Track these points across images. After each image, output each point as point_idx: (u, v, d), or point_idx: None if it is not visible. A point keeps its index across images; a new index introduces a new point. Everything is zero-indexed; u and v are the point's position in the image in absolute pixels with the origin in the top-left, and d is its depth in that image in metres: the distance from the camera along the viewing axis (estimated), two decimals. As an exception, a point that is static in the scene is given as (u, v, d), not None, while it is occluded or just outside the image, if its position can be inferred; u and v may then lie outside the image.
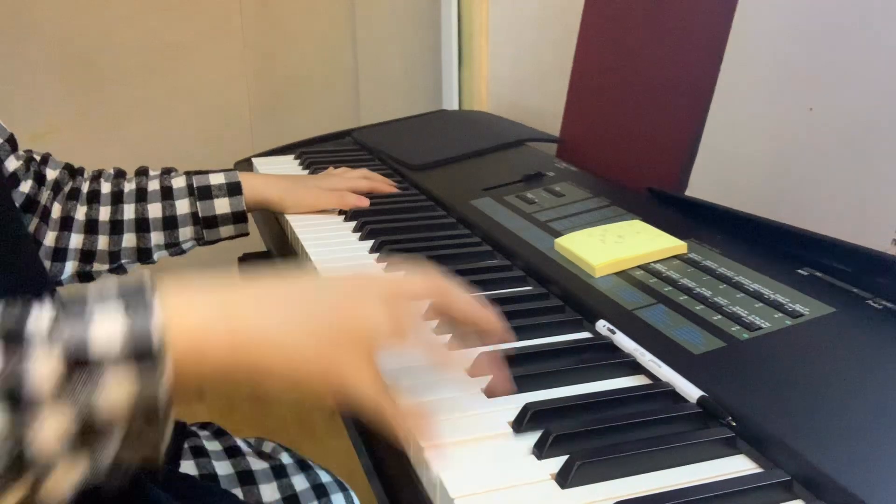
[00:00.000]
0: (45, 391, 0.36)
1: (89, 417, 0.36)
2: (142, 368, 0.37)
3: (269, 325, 0.41)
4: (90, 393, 0.36)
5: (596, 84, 1.10)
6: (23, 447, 0.36)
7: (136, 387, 0.37)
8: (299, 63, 2.16)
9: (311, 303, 0.44)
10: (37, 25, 1.95)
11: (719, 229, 0.77)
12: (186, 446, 0.78)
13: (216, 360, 0.40)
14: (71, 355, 0.36)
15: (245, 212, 0.93)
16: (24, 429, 0.36)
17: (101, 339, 0.37)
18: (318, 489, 0.80)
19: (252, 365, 0.41)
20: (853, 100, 0.70)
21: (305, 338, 0.42)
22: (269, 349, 0.41)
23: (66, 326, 0.37)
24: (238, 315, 0.41)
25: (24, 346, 0.36)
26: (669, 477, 0.45)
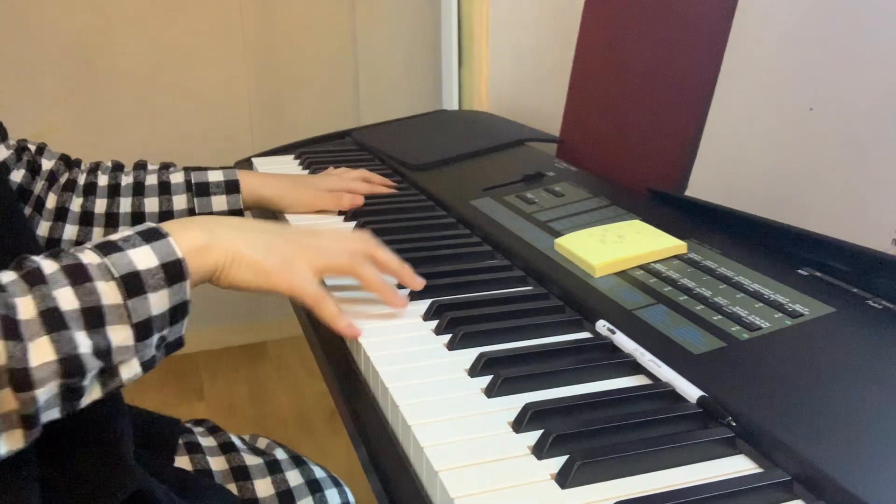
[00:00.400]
0: (113, 303, 0.52)
1: (147, 318, 0.53)
2: (172, 279, 0.55)
3: (239, 239, 0.62)
4: (143, 300, 0.53)
5: (596, 84, 1.10)
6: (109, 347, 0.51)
7: (171, 293, 0.55)
8: (299, 63, 2.16)
9: (271, 234, 0.65)
10: (37, 25, 1.95)
11: (719, 229, 0.78)
12: (181, 442, 0.78)
13: (207, 264, 0.60)
14: (126, 277, 0.53)
15: (242, 210, 0.93)
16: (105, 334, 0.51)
17: (142, 263, 0.54)
18: (312, 484, 0.81)
19: (230, 263, 0.61)
20: (853, 100, 0.70)
21: (266, 250, 0.63)
22: (241, 254, 0.61)
23: (113, 258, 0.53)
24: (223, 236, 0.61)
25: (90, 278, 0.51)
26: (669, 477, 0.45)
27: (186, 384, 2.11)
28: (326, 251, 0.66)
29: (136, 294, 0.53)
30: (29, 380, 0.47)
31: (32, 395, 0.48)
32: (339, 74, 2.19)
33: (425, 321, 0.66)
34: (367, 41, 2.16)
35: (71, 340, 0.49)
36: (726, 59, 0.84)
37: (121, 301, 0.52)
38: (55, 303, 0.50)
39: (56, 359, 0.49)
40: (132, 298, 0.53)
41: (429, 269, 0.75)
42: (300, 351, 2.22)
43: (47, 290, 0.50)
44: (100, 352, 0.51)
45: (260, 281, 0.62)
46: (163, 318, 0.55)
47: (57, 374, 0.49)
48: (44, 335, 0.49)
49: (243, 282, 0.62)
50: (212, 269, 0.60)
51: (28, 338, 0.48)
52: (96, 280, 0.52)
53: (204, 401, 2.05)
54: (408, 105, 2.04)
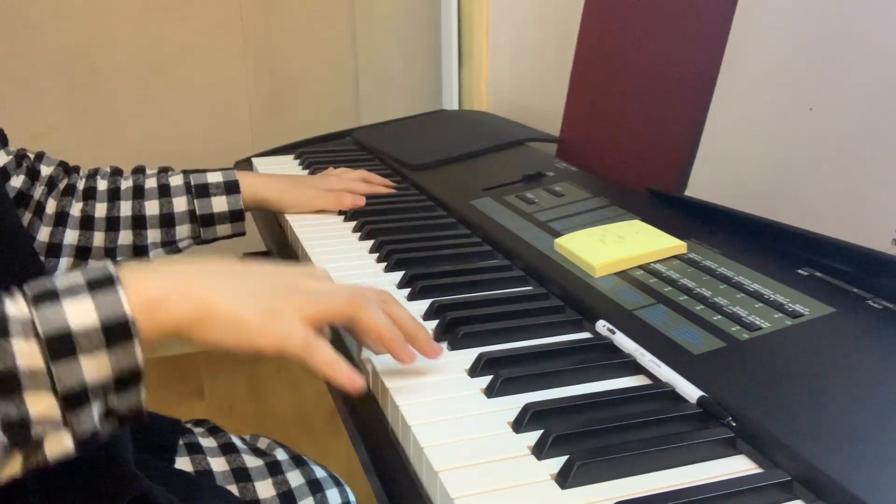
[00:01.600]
0: (30, 367, 0.43)
1: (78, 386, 0.45)
2: (114, 341, 0.45)
3: (212, 287, 0.51)
4: (72, 366, 0.44)
5: (596, 84, 1.10)
6: (24, 418, 0.43)
7: (112, 357, 0.46)
8: (299, 63, 2.16)
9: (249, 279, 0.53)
10: (37, 25, 1.95)
11: (719, 229, 0.78)
12: (181, 443, 0.79)
13: (167, 321, 0.49)
14: (52, 336, 0.44)
15: (242, 211, 0.93)
16: (18, 403, 0.43)
17: (76, 319, 0.44)
18: (313, 485, 0.81)
19: (198, 320, 0.50)
20: (853, 100, 0.70)
21: (245, 301, 0.51)
22: (214, 308, 0.50)
23: (43, 311, 0.44)
24: (189, 284, 0.50)
25: (7, 333, 0.43)
26: (669, 477, 0.45)
27: (186, 384, 2.11)
28: (320, 294, 0.54)
29: (63, 357, 0.44)
30: None
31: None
32: (339, 74, 2.18)
33: (425, 321, 0.66)
34: (367, 41, 2.16)
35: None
36: (726, 59, 0.84)
37: (41, 365, 0.44)
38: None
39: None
40: (57, 363, 0.44)
41: (429, 269, 0.75)
42: (300, 351, 2.22)
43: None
44: (9, 423, 0.43)
45: (240, 340, 0.51)
46: (103, 387, 0.46)
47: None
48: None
49: (219, 342, 0.51)
50: (174, 327, 0.50)
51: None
52: (14, 337, 0.43)
53: (204, 401, 2.04)
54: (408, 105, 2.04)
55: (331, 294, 0.55)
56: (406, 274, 0.74)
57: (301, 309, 0.52)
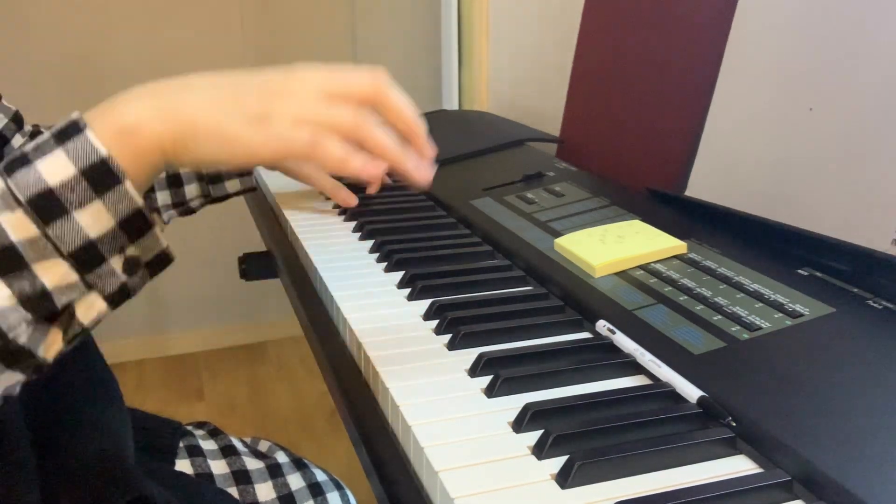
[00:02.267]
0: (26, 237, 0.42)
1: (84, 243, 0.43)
2: (101, 185, 0.43)
3: (189, 101, 0.46)
4: (68, 224, 0.42)
5: (596, 84, 1.10)
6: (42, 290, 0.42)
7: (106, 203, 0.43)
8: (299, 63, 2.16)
9: (232, 84, 0.48)
10: (37, 25, 1.95)
11: (719, 229, 0.78)
12: (182, 445, 0.79)
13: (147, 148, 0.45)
14: (34, 199, 0.42)
15: (255, 188, 0.93)
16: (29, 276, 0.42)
17: (53, 175, 0.42)
18: (313, 488, 0.80)
19: (181, 137, 0.46)
20: (853, 100, 0.70)
21: (227, 108, 0.46)
22: (192, 122, 0.46)
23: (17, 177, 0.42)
24: (165, 103, 0.46)
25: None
26: (669, 477, 0.45)
27: (186, 384, 2.11)
28: (320, 100, 0.49)
29: (55, 218, 0.42)
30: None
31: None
32: (339, 74, 2.18)
33: (425, 321, 0.66)
34: (367, 41, 2.16)
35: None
36: (726, 59, 0.84)
37: (36, 232, 0.42)
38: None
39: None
40: (52, 225, 0.42)
41: (429, 269, 0.75)
42: (300, 351, 2.22)
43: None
44: (28, 298, 0.42)
45: (234, 153, 0.47)
46: (113, 237, 0.44)
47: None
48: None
49: (209, 157, 0.47)
50: (157, 153, 0.46)
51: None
52: None
53: (204, 401, 2.05)
54: (408, 105, 2.04)
55: (333, 105, 0.50)
56: (406, 274, 0.74)
57: (296, 113, 0.48)
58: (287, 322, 1.87)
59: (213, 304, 2.21)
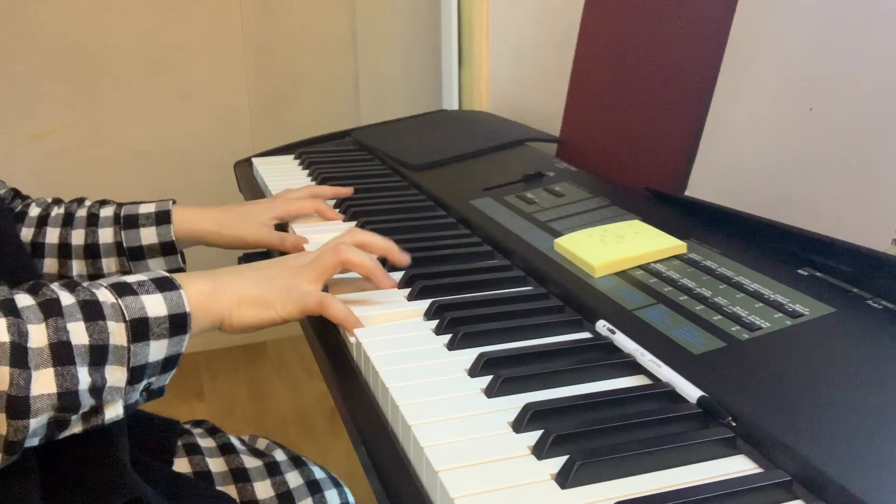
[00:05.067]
0: (119, 345, 0.54)
1: (143, 363, 0.55)
2: (175, 331, 0.57)
3: (240, 283, 0.65)
4: (145, 346, 0.55)
5: (596, 84, 1.10)
6: (103, 385, 0.53)
7: (170, 344, 0.57)
8: (299, 63, 2.16)
9: (264, 271, 0.68)
10: (37, 25, 1.95)
11: (719, 229, 0.78)
12: (180, 444, 0.78)
13: (213, 311, 0.63)
14: (135, 321, 0.55)
15: (174, 243, 0.87)
16: (103, 372, 0.53)
17: (152, 310, 0.56)
18: (311, 486, 0.81)
19: (237, 307, 0.64)
20: (853, 100, 0.70)
21: (265, 285, 0.66)
22: (244, 296, 0.64)
23: (127, 300, 0.55)
24: (226, 283, 0.64)
25: (103, 316, 0.53)
26: (669, 477, 0.45)
27: (186, 384, 2.11)
28: (316, 261, 0.69)
29: (141, 339, 0.55)
30: (26, 408, 0.49)
31: (26, 423, 0.49)
32: (339, 74, 2.18)
33: (425, 321, 0.66)
34: (367, 41, 2.16)
35: (74, 376, 0.51)
36: (726, 59, 0.84)
37: (125, 343, 0.54)
38: (68, 336, 0.51)
39: (56, 392, 0.50)
40: (136, 343, 0.54)
41: (429, 269, 0.75)
42: (300, 351, 2.22)
43: (62, 322, 0.51)
44: (95, 389, 0.52)
45: (269, 314, 0.65)
46: (155, 366, 0.57)
47: (52, 407, 0.50)
48: (50, 367, 0.50)
49: (253, 319, 0.65)
50: (219, 317, 0.63)
51: (34, 367, 0.49)
52: (108, 319, 0.53)
53: (204, 401, 2.04)
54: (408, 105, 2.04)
55: (321, 258, 0.69)
56: (406, 274, 0.74)
57: (308, 277, 0.68)
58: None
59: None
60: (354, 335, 0.63)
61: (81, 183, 2.00)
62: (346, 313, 0.65)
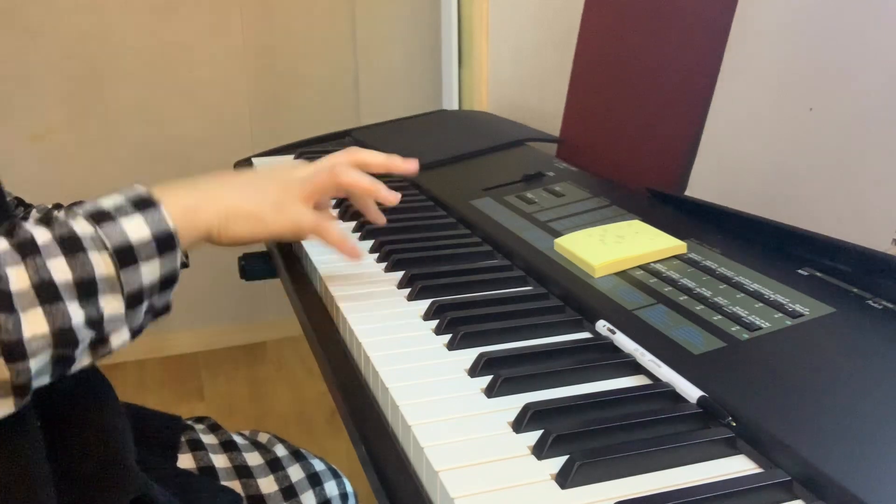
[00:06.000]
0: (106, 275, 0.52)
1: (138, 288, 0.54)
2: (164, 250, 0.55)
3: (227, 193, 0.63)
4: (135, 272, 0.54)
5: (596, 84, 1.10)
6: (101, 317, 0.52)
7: (162, 263, 0.56)
8: (299, 63, 2.16)
9: (252, 182, 0.66)
10: (37, 25, 1.95)
11: (719, 229, 0.78)
12: (183, 440, 0.79)
13: (200, 226, 0.61)
14: (118, 249, 0.53)
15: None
16: (97, 305, 0.52)
17: (134, 234, 0.54)
18: (312, 478, 0.82)
19: (225, 220, 0.61)
20: (853, 100, 0.70)
21: (256, 198, 0.64)
22: (233, 208, 0.62)
23: (106, 228, 0.53)
24: (211, 194, 0.62)
25: (83, 249, 0.52)
26: (669, 477, 0.45)
27: (186, 384, 2.11)
28: (310, 176, 0.67)
29: (128, 265, 0.53)
30: (22, 351, 0.48)
31: (26, 365, 0.49)
32: (339, 74, 2.18)
33: (425, 321, 0.66)
34: (367, 41, 2.16)
35: (65, 313, 0.50)
36: (726, 59, 0.84)
37: (113, 273, 0.53)
38: (49, 274, 0.50)
39: (49, 331, 0.49)
40: (124, 270, 0.53)
41: (429, 269, 0.75)
42: (300, 351, 2.22)
43: (41, 260, 0.50)
44: (92, 322, 0.52)
45: (259, 229, 0.63)
46: (153, 288, 0.56)
47: (50, 345, 0.50)
48: (37, 307, 0.49)
49: (243, 233, 0.63)
50: (205, 230, 0.61)
51: (21, 309, 0.49)
52: (90, 251, 0.52)
53: (204, 401, 2.05)
54: (408, 105, 2.04)
55: (316, 174, 0.67)
56: (406, 274, 0.74)
57: (300, 195, 0.66)
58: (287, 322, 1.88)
59: (212, 304, 2.21)
60: (356, 337, 0.63)
61: (81, 183, 1.99)
62: (343, 238, 0.65)
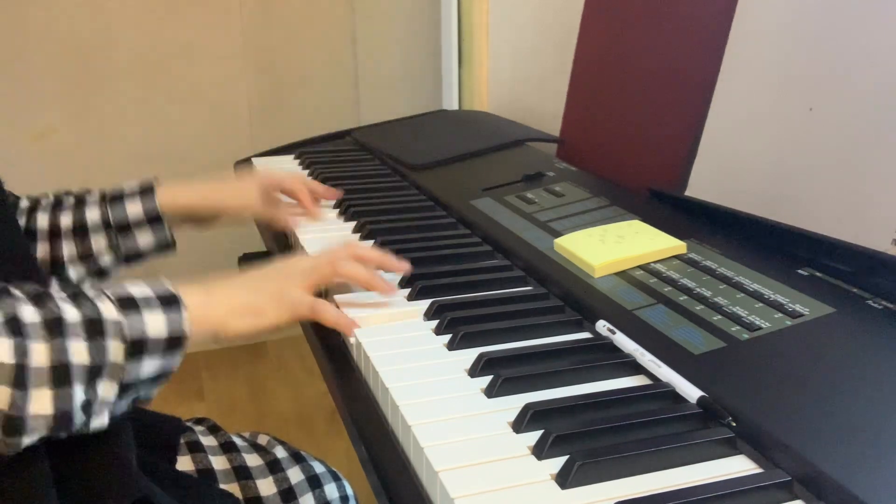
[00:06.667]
0: (114, 362, 0.54)
1: (134, 378, 0.55)
2: (170, 350, 0.57)
3: (232, 292, 0.65)
4: (138, 364, 0.55)
5: (596, 84, 1.10)
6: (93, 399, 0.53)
7: (163, 362, 0.57)
8: (299, 63, 2.16)
9: (256, 279, 0.69)
10: (36, 25, 1.95)
11: (719, 229, 0.78)
12: (183, 441, 0.79)
13: (209, 322, 0.62)
14: (134, 341, 0.55)
15: (160, 216, 0.87)
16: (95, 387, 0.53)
17: (152, 329, 0.56)
18: (312, 480, 0.82)
19: (233, 320, 0.64)
20: (853, 100, 0.70)
21: (255, 293, 0.66)
22: (238, 306, 0.64)
23: (130, 318, 0.55)
24: (217, 297, 0.64)
25: (104, 333, 0.53)
26: (669, 477, 0.45)
27: (186, 384, 2.11)
28: (309, 269, 0.69)
29: (136, 358, 0.55)
30: (22, 428, 0.49)
31: (19, 440, 0.50)
32: (339, 74, 2.18)
33: (425, 321, 0.66)
34: (367, 41, 2.16)
35: (70, 397, 0.51)
36: (726, 59, 0.84)
37: (121, 362, 0.54)
38: (68, 357, 0.51)
39: (52, 413, 0.50)
40: (130, 361, 0.55)
41: (429, 269, 0.75)
42: (300, 351, 2.22)
43: (65, 343, 0.51)
44: (86, 405, 0.53)
45: (261, 322, 0.65)
46: (145, 381, 0.57)
47: (47, 427, 0.51)
48: (48, 388, 0.50)
49: (246, 328, 0.65)
50: (211, 328, 0.63)
51: (33, 387, 0.50)
52: (108, 338, 0.54)
53: (204, 401, 2.04)
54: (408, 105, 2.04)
55: (315, 266, 0.70)
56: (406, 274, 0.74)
57: (299, 284, 0.68)
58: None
59: (212, 304, 2.21)
60: (354, 335, 0.63)
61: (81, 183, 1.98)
62: (338, 316, 0.66)
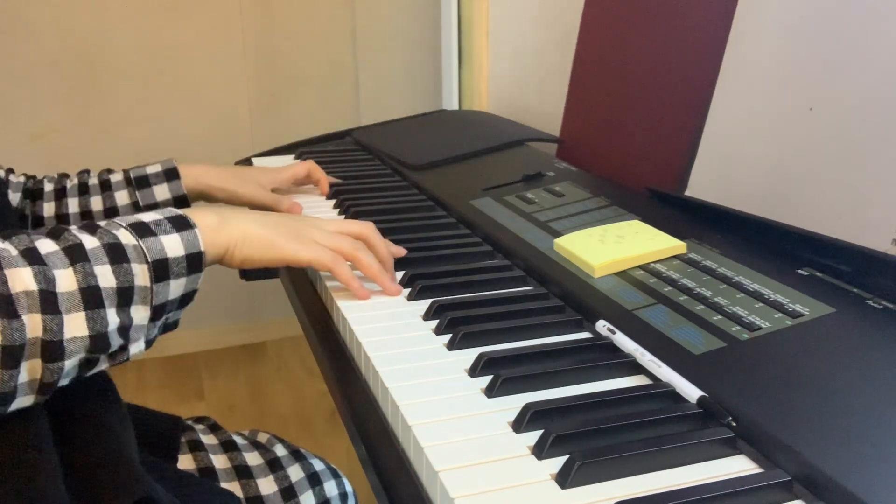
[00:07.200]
0: (143, 286, 0.56)
1: (163, 301, 0.58)
2: (192, 269, 0.60)
3: (248, 221, 0.67)
4: (166, 286, 0.58)
5: (596, 84, 1.10)
6: (129, 324, 0.56)
7: (188, 281, 0.60)
8: (299, 63, 2.16)
9: (274, 217, 0.70)
10: (37, 25, 1.95)
11: (719, 229, 0.78)
12: (183, 440, 0.79)
13: (219, 243, 0.64)
14: (156, 262, 0.57)
15: (185, 196, 0.94)
16: (130, 312, 0.55)
17: (171, 250, 0.58)
18: (312, 478, 0.82)
19: (237, 243, 0.65)
20: (853, 100, 0.70)
21: (274, 227, 0.68)
22: (253, 236, 0.66)
23: (147, 242, 0.57)
24: (233, 218, 0.66)
25: (127, 258, 0.55)
26: (669, 477, 0.45)
27: (186, 384, 2.11)
28: (333, 235, 0.71)
29: (162, 279, 0.57)
30: (61, 352, 0.51)
31: (60, 365, 0.51)
32: (339, 74, 2.18)
33: (425, 321, 0.66)
34: (367, 41, 2.16)
35: (104, 318, 0.53)
36: (726, 59, 0.84)
37: (149, 284, 0.56)
38: (96, 280, 0.53)
39: (88, 334, 0.52)
40: (158, 283, 0.57)
41: (429, 269, 0.75)
42: (300, 351, 2.22)
43: (89, 266, 0.53)
44: (122, 329, 0.55)
45: (271, 253, 0.66)
46: (174, 303, 0.59)
47: (85, 349, 0.52)
48: (81, 311, 0.52)
49: (254, 255, 0.66)
50: (223, 248, 0.64)
51: (66, 311, 0.51)
52: (132, 261, 0.56)
53: (204, 401, 2.05)
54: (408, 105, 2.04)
55: (339, 238, 0.71)
56: (406, 274, 0.74)
57: (320, 240, 0.69)
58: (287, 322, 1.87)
59: (212, 304, 2.21)
60: (356, 337, 0.64)
61: (81, 183, 1.99)
62: (352, 277, 0.68)
